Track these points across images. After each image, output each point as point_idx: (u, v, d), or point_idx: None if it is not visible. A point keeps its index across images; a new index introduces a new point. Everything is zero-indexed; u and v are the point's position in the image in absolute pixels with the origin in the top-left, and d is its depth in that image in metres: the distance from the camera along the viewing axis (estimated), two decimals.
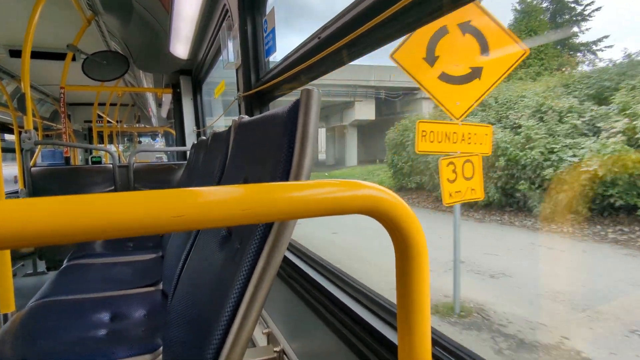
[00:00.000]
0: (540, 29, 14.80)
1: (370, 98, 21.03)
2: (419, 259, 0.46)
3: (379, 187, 0.44)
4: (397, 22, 0.88)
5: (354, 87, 20.53)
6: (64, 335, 1.21)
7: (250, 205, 0.37)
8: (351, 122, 21.59)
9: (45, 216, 0.29)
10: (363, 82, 20.41)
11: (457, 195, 3.16)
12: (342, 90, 20.33)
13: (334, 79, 19.08)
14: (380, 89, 20.74)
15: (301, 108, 0.64)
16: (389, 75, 20.34)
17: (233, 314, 0.68)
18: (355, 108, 20.71)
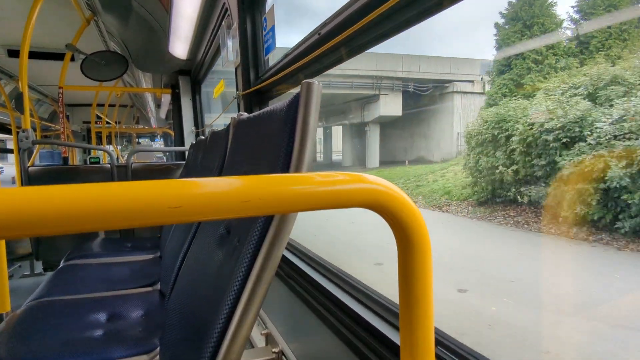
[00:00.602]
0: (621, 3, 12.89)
1: (397, 91, 18.51)
2: (422, 255, 0.45)
3: (382, 181, 0.43)
4: (400, 16, 0.87)
5: (379, 78, 18.08)
6: (60, 336, 1.19)
7: (251, 197, 0.36)
8: (374, 119, 19.17)
9: (41, 204, 0.28)
10: (390, 73, 18.00)
11: None
12: (366, 82, 18.03)
13: (357, 68, 17.15)
14: (408, 80, 18.31)
15: (301, 101, 0.63)
16: (418, 65, 18.14)
17: (231, 313, 0.66)
18: (380, 102, 18.36)
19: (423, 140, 18.62)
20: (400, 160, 19.24)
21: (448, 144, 16.75)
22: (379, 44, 0.99)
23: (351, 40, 1.02)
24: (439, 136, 17.45)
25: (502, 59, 11.21)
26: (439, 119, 17.59)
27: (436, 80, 17.85)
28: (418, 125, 18.90)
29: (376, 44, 1.00)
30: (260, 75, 1.78)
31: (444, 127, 17.14)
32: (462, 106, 16.98)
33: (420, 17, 0.84)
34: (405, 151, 19.83)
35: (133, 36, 3.23)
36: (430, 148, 17.91)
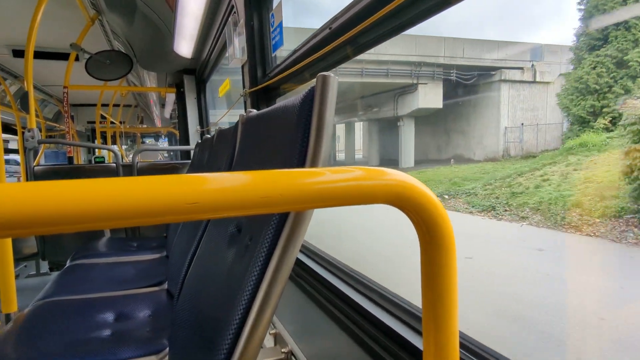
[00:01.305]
0: None
1: (438, 80, 15.90)
2: (447, 253, 0.43)
3: (404, 175, 0.41)
4: (408, 12, 0.85)
5: (418, 65, 15.42)
6: (67, 336, 1.18)
7: (271, 193, 0.34)
8: (410, 112, 16.44)
9: (52, 201, 0.26)
10: (431, 59, 15.44)
11: None
12: (403, 69, 15.37)
13: (393, 53, 14.68)
14: (450, 67, 15.76)
15: (317, 95, 0.61)
16: (461, 48, 15.75)
17: (245, 314, 0.64)
18: (418, 93, 15.65)
19: (461, 136, 16.64)
20: (433, 160, 17.36)
21: (493, 141, 14.86)
22: (390, 39, 0.97)
23: (361, 35, 1.00)
24: (482, 132, 15.47)
25: (593, 32, 9.15)
26: (481, 112, 15.61)
27: (481, 67, 15.46)
28: (456, 119, 16.84)
29: (387, 39, 0.98)
30: (267, 72, 1.76)
31: (487, 122, 15.22)
32: (510, 97, 14.87)
33: (433, 11, 0.82)
34: (439, 149, 18.02)
35: (138, 35, 3.22)
36: (470, 145, 16.07)
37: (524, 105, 14.93)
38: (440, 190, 10.30)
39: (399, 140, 17.36)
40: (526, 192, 7.99)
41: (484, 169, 12.26)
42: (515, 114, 14.81)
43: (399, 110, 16.97)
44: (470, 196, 9.01)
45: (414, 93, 15.98)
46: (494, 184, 9.32)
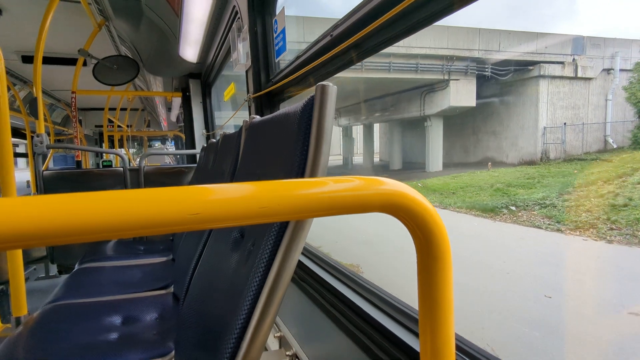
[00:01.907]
0: None
1: (471, 75, 14.35)
2: (442, 259, 0.44)
3: (400, 184, 0.43)
4: (407, 20, 0.86)
5: (450, 59, 13.96)
6: (76, 339, 1.20)
7: (269, 203, 0.35)
8: (440, 111, 14.98)
9: (60, 214, 0.28)
10: (465, 52, 13.96)
11: None
12: (434, 64, 13.93)
13: (423, 46, 13.36)
14: (484, 62, 14.33)
15: (316, 104, 0.63)
16: (497, 41, 14.18)
17: (248, 317, 0.66)
18: (449, 90, 14.21)
19: (492, 137, 15.28)
20: (459, 163, 15.96)
21: (530, 142, 13.51)
22: (391, 45, 0.98)
23: (364, 41, 1.01)
24: (516, 132, 14.14)
25: None
26: (516, 111, 14.26)
27: (519, 61, 13.91)
28: (486, 119, 15.45)
29: (389, 45, 0.99)
30: (271, 77, 1.78)
31: (523, 121, 13.87)
32: (550, 94, 13.38)
33: (434, 18, 0.83)
34: (466, 151, 16.54)
35: (144, 40, 3.26)
36: (502, 147, 14.73)
37: (563, 103, 13.57)
38: (485, 198, 9.40)
39: (425, 141, 15.92)
40: (630, 204, 6.47)
41: (527, 174, 11.11)
42: (555, 113, 13.47)
43: (426, 109, 15.40)
44: (547, 208, 7.60)
45: (444, 90, 14.44)
46: (573, 193, 7.97)
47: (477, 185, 11.04)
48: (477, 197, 9.70)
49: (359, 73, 13.50)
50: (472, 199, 9.56)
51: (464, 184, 11.54)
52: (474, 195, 10.02)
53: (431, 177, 13.68)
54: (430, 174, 14.91)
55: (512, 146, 14.34)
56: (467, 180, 12.10)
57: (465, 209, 8.85)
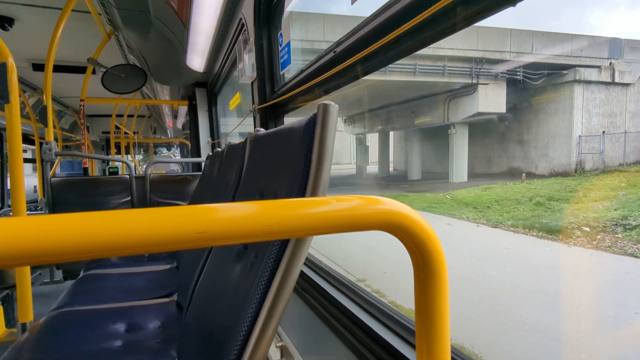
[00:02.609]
0: None
1: (501, 80, 13.36)
2: (439, 276, 0.46)
3: (398, 203, 0.44)
4: (411, 39, 0.88)
5: (479, 61, 12.95)
6: (81, 346, 1.22)
7: (272, 222, 0.37)
8: (465, 118, 13.83)
9: (67, 233, 0.29)
10: (495, 54, 12.93)
11: None
12: (461, 67, 12.97)
13: (452, 47, 12.40)
14: (516, 65, 13.21)
15: (318, 122, 0.65)
16: (530, 43, 13.14)
17: (250, 329, 0.67)
18: (478, 95, 13.12)
19: (518, 146, 14.40)
20: (482, 174, 14.96)
21: (563, 152, 12.63)
22: (394, 62, 1.00)
23: (367, 59, 1.04)
24: (547, 141, 13.21)
25: None
26: (547, 118, 13.28)
27: (553, 64, 12.83)
28: (512, 127, 14.57)
29: (392, 62, 1.01)
30: (276, 89, 1.81)
31: (555, 129, 12.96)
32: (585, 100, 12.43)
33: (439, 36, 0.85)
34: (489, 161, 15.68)
35: (152, 50, 3.32)
36: (530, 157, 13.83)
37: (599, 110, 12.70)
38: (526, 213, 8.67)
39: (447, 150, 14.82)
40: None
41: (567, 186, 10.31)
42: (591, 121, 12.57)
43: (450, 115, 14.30)
44: (636, 231, 6.41)
45: (471, 95, 13.42)
46: None
47: (513, 198, 10.19)
48: (517, 212, 9.04)
49: (382, 76, 12.76)
50: (512, 214, 8.82)
51: (497, 196, 10.64)
52: (512, 209, 9.31)
53: (458, 189, 12.57)
54: (455, 185, 13.88)
55: (542, 156, 13.44)
56: (500, 192, 11.16)
57: (521, 227, 7.83)
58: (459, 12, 0.71)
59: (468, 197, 11.17)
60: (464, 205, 10.39)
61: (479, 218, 8.94)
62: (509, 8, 0.65)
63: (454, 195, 11.64)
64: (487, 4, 0.67)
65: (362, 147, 22.48)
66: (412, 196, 12.56)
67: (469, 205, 10.30)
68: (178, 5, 2.30)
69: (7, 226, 0.28)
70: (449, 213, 9.69)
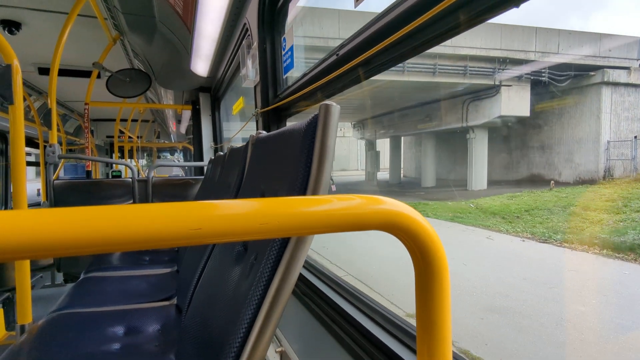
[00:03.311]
0: None
1: (525, 81, 12.56)
2: (440, 277, 0.45)
3: (399, 203, 0.43)
4: (413, 40, 0.88)
5: (502, 61, 12.20)
6: (79, 348, 1.21)
7: (269, 220, 0.36)
8: (485, 122, 13.09)
9: (66, 227, 0.29)
10: (520, 54, 12.15)
11: None
12: (483, 67, 12.19)
13: (473, 46, 11.67)
14: (541, 66, 12.35)
15: (319, 123, 0.64)
16: (556, 42, 12.29)
17: (248, 331, 0.66)
18: (500, 97, 12.40)
19: (539, 152, 13.62)
20: (499, 181, 14.15)
21: (589, 158, 11.88)
22: (396, 65, 1.00)
23: (369, 61, 1.04)
24: (571, 147, 12.45)
25: None
26: (571, 122, 12.58)
27: (580, 65, 11.98)
28: (532, 131, 13.77)
29: (394, 65, 1.01)
30: (278, 93, 1.81)
31: (580, 134, 12.21)
32: (613, 104, 11.67)
33: (440, 39, 0.85)
34: (507, 168, 14.92)
35: (157, 55, 3.34)
36: (553, 163, 13.08)
37: (629, 114, 11.94)
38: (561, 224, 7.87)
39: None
40: None
41: (601, 195, 9.43)
42: (619, 125, 11.82)
43: (469, 119, 13.46)
44: None
45: (493, 97, 12.62)
46: None
47: (543, 207, 9.33)
48: (551, 223, 8.21)
49: (400, 76, 12.17)
50: (546, 226, 7.97)
51: (526, 205, 9.79)
52: (545, 220, 8.46)
53: (480, 197, 11.77)
54: (475, 193, 13.11)
55: (566, 162, 12.64)
56: (528, 201, 10.28)
57: (577, 243, 6.81)
58: (461, 14, 0.71)
59: (494, 206, 10.35)
60: (491, 215, 9.65)
61: (522, 231, 7.99)
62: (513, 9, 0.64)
63: (478, 204, 10.84)
64: (489, 5, 0.67)
65: (373, 152, 21.27)
66: (433, 204, 11.70)
67: (496, 215, 9.56)
68: (183, 10, 2.32)
69: (6, 219, 0.27)
70: (482, 224, 8.82)
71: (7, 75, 1.45)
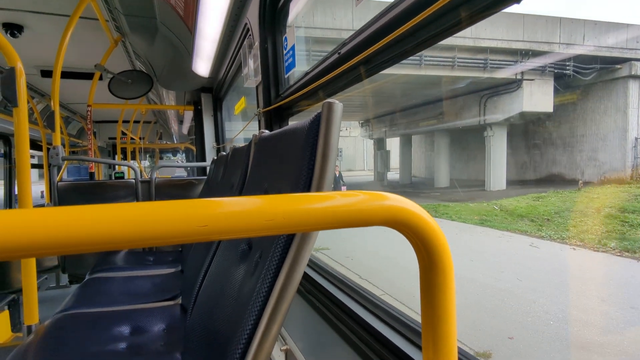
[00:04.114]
0: None
1: (548, 75, 11.81)
2: (444, 273, 0.45)
3: (402, 199, 0.43)
4: (415, 38, 0.88)
5: (525, 54, 11.49)
6: (86, 348, 1.22)
7: (274, 216, 0.37)
8: (506, 118, 12.39)
9: (72, 225, 0.29)
10: (543, 46, 11.35)
11: None
12: (505, 60, 11.49)
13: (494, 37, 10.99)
14: (565, 58, 11.55)
15: (322, 121, 0.65)
16: (581, 34, 11.54)
17: (253, 330, 0.67)
18: (522, 92, 11.70)
19: (559, 150, 12.96)
20: (517, 180, 13.46)
21: (615, 156, 11.22)
22: (398, 63, 1.00)
23: (371, 59, 1.04)
24: (595, 144, 11.80)
25: None
26: (594, 118, 11.87)
27: (603, 57, 11.27)
28: (552, 128, 13.15)
29: (396, 63, 1.01)
30: (280, 93, 1.81)
31: (605, 131, 11.55)
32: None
33: (442, 36, 0.85)
34: (523, 167, 14.24)
35: (158, 56, 3.35)
36: (575, 162, 12.41)
37: None
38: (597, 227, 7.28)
39: (485, 154, 13.17)
40: None
41: (636, 195, 8.67)
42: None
43: (487, 116, 12.73)
44: None
45: (514, 93, 11.88)
46: None
47: (574, 209, 8.59)
48: (585, 226, 7.55)
49: (416, 70, 11.46)
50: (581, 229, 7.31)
51: (555, 207, 9.05)
52: (578, 223, 7.74)
53: (502, 198, 11.04)
54: (494, 193, 12.35)
55: (590, 161, 11.98)
56: (556, 202, 9.54)
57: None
58: (462, 10, 0.71)
59: (520, 207, 9.58)
60: (517, 218, 8.94)
61: (569, 237, 7.14)
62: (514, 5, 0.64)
63: (502, 206, 10.09)
64: (489, 2, 0.67)
65: (383, 151, 20.41)
66: (454, 206, 10.96)
67: (523, 218, 8.85)
68: (184, 11, 2.32)
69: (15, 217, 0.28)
70: (517, 229, 8.04)
71: (11, 78, 1.46)
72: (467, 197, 12.38)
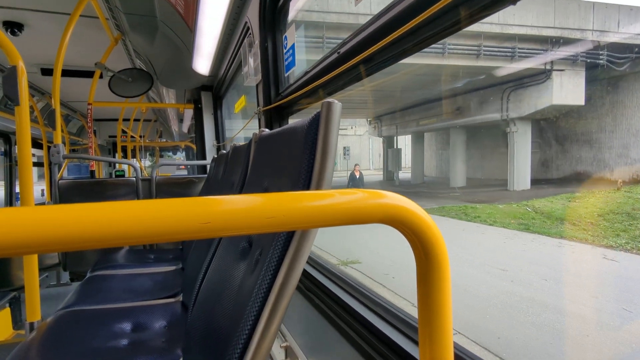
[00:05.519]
0: None
1: (579, 65, 10.80)
2: (441, 270, 0.46)
3: (400, 196, 0.44)
4: (414, 37, 0.89)
5: (555, 42, 10.48)
6: (87, 345, 1.23)
7: (275, 213, 0.37)
8: (532, 113, 11.36)
9: (75, 222, 0.30)
10: (575, 33, 10.38)
11: None
12: (533, 48, 10.59)
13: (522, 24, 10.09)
14: (599, 46, 10.59)
15: (322, 120, 0.66)
16: (616, 20, 10.52)
17: (253, 326, 0.68)
18: (552, 84, 10.62)
19: (585, 147, 12.04)
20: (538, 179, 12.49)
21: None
22: (399, 61, 1.01)
23: (371, 58, 1.05)
24: (627, 141, 10.88)
25: None
26: (626, 112, 10.87)
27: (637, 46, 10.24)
28: (577, 123, 12.11)
29: (398, 61, 1.02)
30: (280, 91, 1.82)
31: (638, 126, 10.64)
32: None
33: (443, 34, 0.86)
34: (545, 165, 13.34)
35: (158, 54, 3.35)
36: (603, 159, 11.53)
37: None
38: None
39: (509, 152, 12.26)
40: None
41: None
42: None
43: (510, 110, 11.68)
44: None
45: (542, 84, 10.83)
46: None
47: (619, 211, 7.77)
48: (636, 230, 6.80)
49: (439, 59, 10.67)
50: (632, 234, 6.52)
51: (596, 209, 8.27)
52: (628, 227, 6.97)
53: (531, 199, 10.26)
54: (518, 193, 11.56)
55: (620, 158, 11.11)
56: (596, 203, 8.77)
57: None
58: (462, 10, 0.72)
59: (556, 209, 8.76)
60: (556, 221, 8.12)
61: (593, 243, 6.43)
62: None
63: (534, 207, 9.28)
64: (488, 2, 0.68)
65: (394, 150, 19.22)
66: (482, 208, 10.20)
67: (564, 221, 8.05)
68: (184, 10, 2.33)
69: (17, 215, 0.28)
70: (575, 237, 7.08)
71: (12, 77, 1.47)
72: (490, 198, 11.53)
